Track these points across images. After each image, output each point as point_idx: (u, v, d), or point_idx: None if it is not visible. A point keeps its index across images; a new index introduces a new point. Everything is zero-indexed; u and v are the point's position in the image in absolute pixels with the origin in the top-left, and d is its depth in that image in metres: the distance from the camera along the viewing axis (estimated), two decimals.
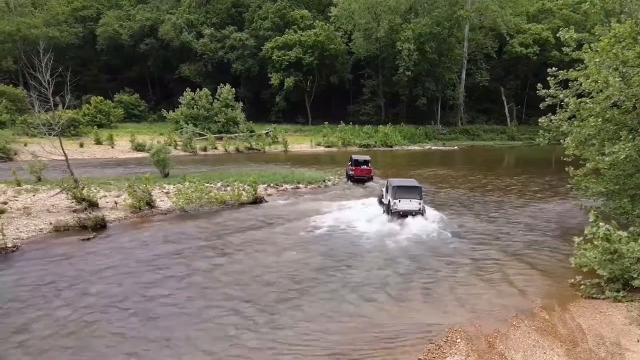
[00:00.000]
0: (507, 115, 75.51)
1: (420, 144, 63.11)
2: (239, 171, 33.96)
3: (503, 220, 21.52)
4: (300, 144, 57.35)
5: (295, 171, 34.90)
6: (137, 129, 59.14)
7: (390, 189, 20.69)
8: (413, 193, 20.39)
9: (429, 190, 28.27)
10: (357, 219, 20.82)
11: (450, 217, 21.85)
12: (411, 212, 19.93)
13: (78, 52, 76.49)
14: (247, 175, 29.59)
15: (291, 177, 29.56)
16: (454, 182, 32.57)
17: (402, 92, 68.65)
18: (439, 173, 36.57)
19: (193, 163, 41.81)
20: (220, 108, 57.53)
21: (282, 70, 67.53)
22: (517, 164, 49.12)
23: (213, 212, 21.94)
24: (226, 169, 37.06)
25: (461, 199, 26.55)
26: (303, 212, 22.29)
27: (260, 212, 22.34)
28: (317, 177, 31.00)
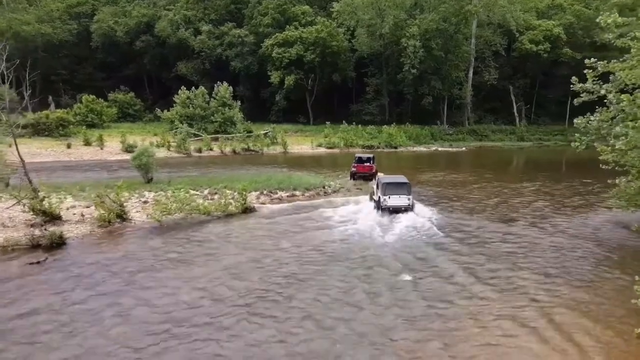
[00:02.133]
0: (516, 115, 72.23)
1: (425, 144, 60.01)
2: (233, 175, 31.02)
3: (531, 238, 18.42)
4: (301, 144, 54.39)
5: (293, 175, 31.84)
6: (130, 129, 56.41)
7: (380, 186, 21.07)
8: (402, 189, 20.78)
9: (442, 202, 25.30)
10: (360, 233, 17.85)
11: (475, 235, 18.80)
12: (401, 207, 20.40)
13: (73, 50, 73.91)
14: (239, 181, 26.79)
15: (287, 183, 26.56)
16: (468, 189, 29.46)
17: (407, 90, 65.48)
18: (449, 178, 33.48)
19: (185, 165, 38.91)
20: (217, 107, 54.64)
21: (282, 68, 64.54)
22: (532, 167, 45.92)
23: (194, 225, 18.98)
24: (219, 172, 34.08)
25: (480, 210, 23.49)
26: (297, 225, 19.34)
27: (248, 225, 19.36)
28: (315, 182, 27.99)
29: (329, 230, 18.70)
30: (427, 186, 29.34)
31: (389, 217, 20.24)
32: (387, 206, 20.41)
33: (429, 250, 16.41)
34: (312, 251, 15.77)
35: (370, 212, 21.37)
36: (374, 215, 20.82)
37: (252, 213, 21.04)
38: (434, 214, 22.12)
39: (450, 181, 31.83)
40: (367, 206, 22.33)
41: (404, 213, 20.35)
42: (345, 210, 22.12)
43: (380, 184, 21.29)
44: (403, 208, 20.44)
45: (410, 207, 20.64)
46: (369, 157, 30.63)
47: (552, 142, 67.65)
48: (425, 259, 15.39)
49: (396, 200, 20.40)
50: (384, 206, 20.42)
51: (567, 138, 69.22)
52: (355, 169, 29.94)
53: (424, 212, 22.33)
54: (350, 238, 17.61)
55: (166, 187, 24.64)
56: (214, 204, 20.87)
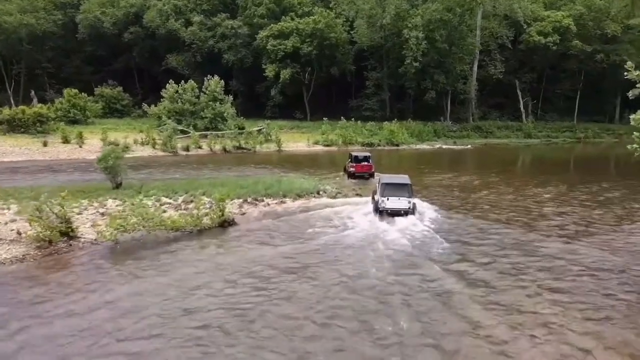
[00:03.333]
0: (522, 110, 68.68)
1: (428, 142, 56.47)
2: (217, 178, 27.51)
3: (565, 260, 14.92)
4: (297, 142, 50.86)
5: (285, 177, 28.37)
6: (115, 126, 52.93)
7: (379, 186, 19.70)
8: (402, 190, 19.24)
9: (452, 213, 21.85)
10: (358, 261, 14.37)
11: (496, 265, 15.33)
12: (400, 211, 18.76)
13: (59, 42, 70.08)
14: (223, 185, 23.31)
15: (276, 188, 23.02)
16: (479, 195, 25.94)
17: (408, 85, 61.91)
18: (457, 181, 29.92)
19: (169, 166, 35.37)
20: (208, 102, 51.02)
21: (277, 61, 60.95)
22: (545, 167, 42.25)
23: (157, 245, 15.45)
24: (204, 174, 30.61)
25: (496, 220, 19.98)
26: (278, 243, 15.85)
27: (223, 244, 15.83)
28: (309, 186, 24.47)
29: (314, 249, 15.25)
30: (434, 192, 25.81)
31: (387, 221, 18.39)
32: (385, 208, 18.85)
33: (431, 272, 13.04)
34: (283, 299, 11.95)
35: (366, 221, 18.66)
36: (368, 223, 18.31)
37: (231, 227, 17.49)
38: (438, 218, 19.55)
39: (459, 185, 28.22)
40: (365, 216, 19.48)
41: (404, 216, 18.61)
42: (340, 219, 19.02)
43: (379, 184, 19.87)
44: (402, 211, 18.75)
45: (411, 210, 18.87)
46: (366, 156, 29.11)
47: (560, 139, 64.18)
48: (424, 283, 11.99)
49: (395, 202, 18.83)
50: (381, 208, 18.91)
51: (576, 135, 66.04)
52: (353, 169, 28.22)
53: (428, 215, 19.79)
54: (341, 264, 14.08)
55: (136, 194, 21.16)
56: (185, 216, 17.33)
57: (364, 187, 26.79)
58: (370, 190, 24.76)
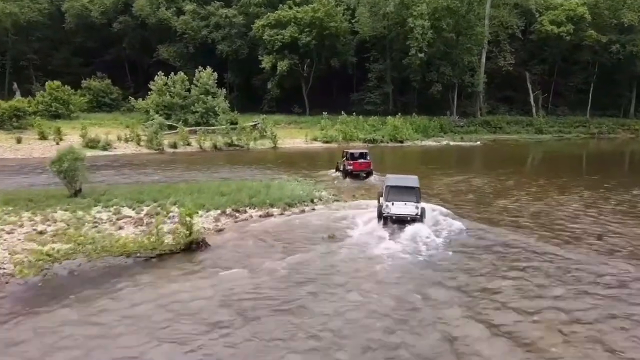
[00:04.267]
0: (533, 104, 64.72)
1: (434, 138, 52.76)
2: (197, 182, 23.95)
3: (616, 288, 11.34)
4: (294, 138, 47.24)
5: (276, 180, 24.86)
6: (101, 121, 49.21)
7: (384, 189, 17.21)
8: (409, 194, 16.92)
9: (470, 225, 18.24)
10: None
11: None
12: (406, 217, 16.37)
13: (47, 33, 66.22)
14: (201, 191, 19.77)
15: (263, 195, 19.39)
16: (501, 202, 22.27)
17: (413, 77, 58.04)
18: (470, 184, 26.24)
19: (151, 165, 31.80)
20: (199, 95, 47.34)
21: (274, 52, 57.16)
22: (562, 166, 38.42)
23: (95, 280, 11.84)
24: (186, 176, 27.05)
25: (526, 234, 16.35)
26: (260, 270, 12.27)
27: (182, 277, 12.20)
28: (302, 192, 20.90)
29: (299, 281, 11.67)
30: (445, 198, 22.18)
31: (391, 230, 16.01)
32: (389, 214, 16.45)
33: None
34: None
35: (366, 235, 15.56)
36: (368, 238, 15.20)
37: (200, 251, 13.87)
38: (453, 228, 16.62)
39: (473, 190, 24.54)
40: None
41: (410, 224, 16.14)
42: (337, 232, 15.72)
43: (384, 185, 17.40)
44: (409, 218, 16.33)
45: (418, 216, 16.39)
46: (363, 153, 27.01)
47: (573, 135, 60.43)
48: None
49: (401, 207, 16.50)
50: (385, 214, 16.53)
51: (589, 130, 62.18)
52: (351, 167, 25.87)
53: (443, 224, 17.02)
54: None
55: (93, 204, 17.57)
56: (143, 235, 13.72)
57: (365, 189, 23.29)
58: (373, 193, 21.41)
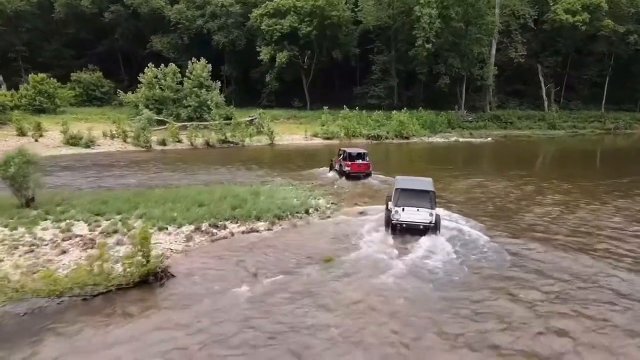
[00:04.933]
0: (545, 98, 61.22)
1: (442, 134, 49.47)
2: (180, 185, 20.99)
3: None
4: (293, 134, 44.08)
5: (267, 184, 21.85)
6: (88, 115, 46.22)
7: (394, 192, 15.13)
8: (423, 199, 14.73)
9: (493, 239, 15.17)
10: None
11: None
12: (418, 226, 14.55)
13: (36, 23, 63.01)
14: (175, 201, 16.66)
15: (248, 206, 16.32)
16: (529, 214, 19.14)
17: (419, 70, 54.66)
18: (489, 188, 23.12)
19: (133, 165, 28.77)
20: (192, 89, 44.20)
21: (273, 43, 53.94)
22: (584, 166, 35.12)
23: (9, 332, 8.84)
24: (168, 178, 24.00)
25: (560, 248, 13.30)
26: (235, 310, 9.30)
27: (125, 329, 9.17)
28: (295, 200, 17.87)
29: (280, 330, 8.66)
30: (462, 206, 19.08)
31: (400, 242, 14.00)
32: (398, 221, 14.56)
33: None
34: None
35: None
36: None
37: (160, 284, 10.84)
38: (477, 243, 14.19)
39: (491, 195, 21.38)
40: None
41: (423, 234, 14.42)
42: (334, 251, 12.79)
43: (394, 188, 15.22)
44: (422, 226, 14.52)
45: (433, 225, 14.52)
46: (361, 153, 24.58)
47: (588, 130, 56.89)
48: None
49: (413, 214, 14.54)
50: (394, 221, 14.61)
51: (605, 125, 58.68)
52: (349, 168, 23.66)
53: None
54: None
55: (42, 217, 14.57)
56: (88, 264, 10.67)
57: (368, 196, 20.19)
58: (378, 199, 18.58)
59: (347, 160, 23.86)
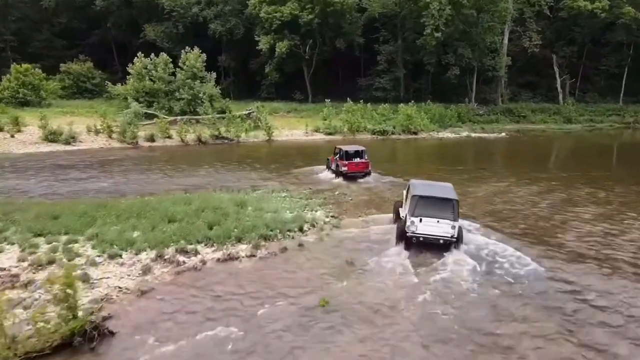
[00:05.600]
0: (559, 90, 57.64)
1: (452, 128, 46.12)
2: (155, 192, 18.02)
3: None
4: (293, 129, 40.90)
5: (259, 188, 18.84)
6: (75, 109, 43.14)
7: (410, 200, 12.48)
8: (444, 209, 12.12)
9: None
10: None
11: None
12: (438, 240, 12.03)
13: (27, 12, 59.84)
14: (140, 216, 13.66)
15: (230, 222, 13.27)
16: (576, 232, 16.00)
17: (427, 60, 51.25)
18: (514, 193, 19.96)
19: (113, 165, 25.70)
20: (185, 80, 41.01)
21: (273, 31, 50.59)
22: (618, 164, 31.81)
23: None
24: (141, 183, 20.96)
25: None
26: None
27: None
28: (288, 212, 14.82)
29: None
30: (484, 217, 15.95)
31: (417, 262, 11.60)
32: (414, 234, 12.23)
33: None
34: None
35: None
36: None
37: (91, 348, 7.79)
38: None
39: (521, 208, 18.18)
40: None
41: (444, 250, 12.15)
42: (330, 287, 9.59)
43: (410, 195, 12.80)
44: (442, 240, 12.17)
45: (455, 239, 12.20)
46: (358, 150, 21.93)
47: (606, 124, 53.34)
48: None
49: (432, 226, 12.22)
50: (410, 234, 12.26)
51: (624, 119, 55.14)
52: (345, 168, 21.18)
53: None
54: None
55: None
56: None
57: (375, 205, 17.09)
58: (386, 208, 15.88)
59: (343, 159, 21.33)
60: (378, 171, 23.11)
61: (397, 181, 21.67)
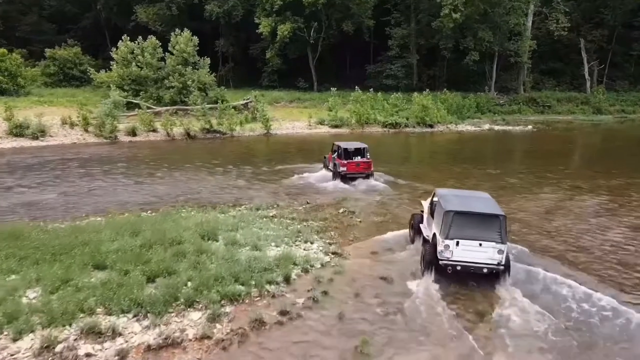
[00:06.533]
0: (587, 78, 52.30)
1: (471, 120, 41.26)
2: (105, 209, 13.77)
3: None
4: (295, 121, 36.37)
5: (242, 204, 14.53)
6: (55, 98, 38.75)
7: (443, 216, 9.30)
8: (488, 228, 9.18)
9: None
10: None
11: None
12: (481, 269, 9.16)
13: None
14: (58, 255, 9.28)
15: (181, 275, 8.89)
16: None
17: (443, 45, 46.22)
18: (581, 210, 15.36)
19: (78, 166, 21.45)
20: (175, 66, 36.49)
21: (274, 13, 45.77)
22: None
23: None
24: (98, 192, 16.68)
25: None
26: None
27: None
28: (270, 252, 10.42)
29: None
30: (557, 251, 11.46)
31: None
32: (449, 262, 9.08)
33: None
34: None
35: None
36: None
37: None
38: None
39: (581, 226, 13.69)
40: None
41: (490, 281, 9.17)
42: None
43: (443, 210, 9.35)
44: (486, 270, 9.08)
45: (502, 267, 9.08)
46: (360, 148, 18.49)
47: (638, 115, 48.04)
48: None
49: (473, 251, 9.02)
50: (444, 262, 9.09)
51: None
52: (344, 168, 17.83)
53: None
54: None
55: None
56: None
57: (390, 216, 12.63)
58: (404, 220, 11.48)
59: (342, 157, 17.91)
60: (392, 177, 18.83)
61: (418, 187, 17.27)
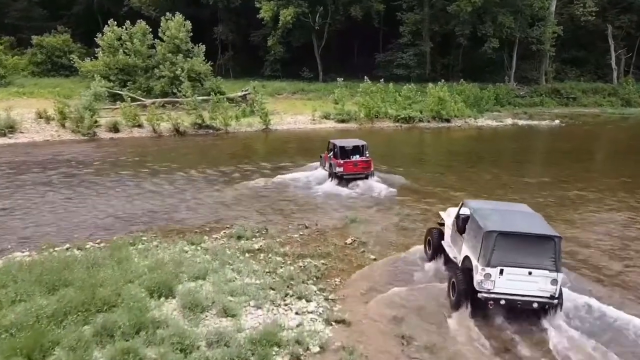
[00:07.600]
0: (614, 67, 48.02)
1: (489, 113, 37.36)
2: (56, 226, 10.35)
3: None
4: (298, 114, 32.78)
5: (225, 226, 11.04)
6: (36, 89, 35.45)
7: (484, 237, 7.43)
8: (539, 252, 7.39)
9: None
10: None
11: None
12: (531, 303, 7.39)
13: None
14: None
15: None
16: None
17: (460, 31, 42.10)
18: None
19: (29, 175, 18.05)
20: (165, 54, 32.92)
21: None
22: None
23: None
24: (45, 207, 13.28)
25: None
26: None
27: None
28: (246, 320, 6.97)
29: None
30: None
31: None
32: (491, 295, 7.35)
33: None
34: None
35: None
36: None
37: None
38: None
39: None
40: None
41: (540, 317, 7.51)
42: None
43: (481, 230, 7.49)
44: (536, 304, 7.35)
45: (555, 300, 7.36)
46: (358, 146, 16.69)
47: None
48: None
49: (520, 281, 7.29)
50: (482, 293, 7.38)
51: None
52: (341, 169, 15.94)
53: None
54: None
55: None
56: None
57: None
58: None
59: (338, 157, 16.11)
60: (409, 181, 15.44)
61: (446, 200, 13.73)
